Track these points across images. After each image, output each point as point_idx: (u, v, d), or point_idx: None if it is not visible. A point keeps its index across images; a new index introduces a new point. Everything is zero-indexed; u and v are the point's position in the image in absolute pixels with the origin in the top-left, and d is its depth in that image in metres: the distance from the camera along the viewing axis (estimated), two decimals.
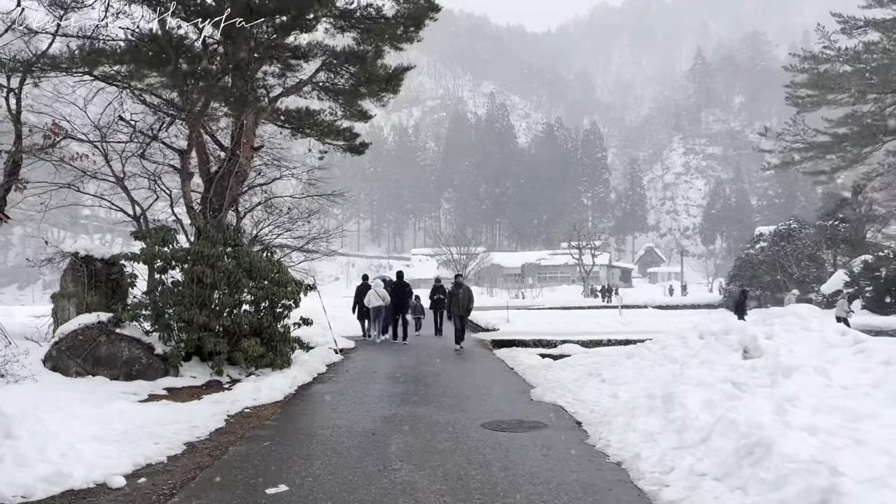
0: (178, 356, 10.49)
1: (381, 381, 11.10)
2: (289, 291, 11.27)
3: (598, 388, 9.76)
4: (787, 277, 47.52)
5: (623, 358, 11.20)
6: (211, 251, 10.46)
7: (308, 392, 10.20)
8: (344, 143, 15.69)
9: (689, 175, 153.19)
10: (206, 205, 12.22)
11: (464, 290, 16.63)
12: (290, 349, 11.63)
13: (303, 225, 15.68)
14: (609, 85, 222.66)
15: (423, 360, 14.04)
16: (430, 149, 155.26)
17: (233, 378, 11.04)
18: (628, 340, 19.73)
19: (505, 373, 12.35)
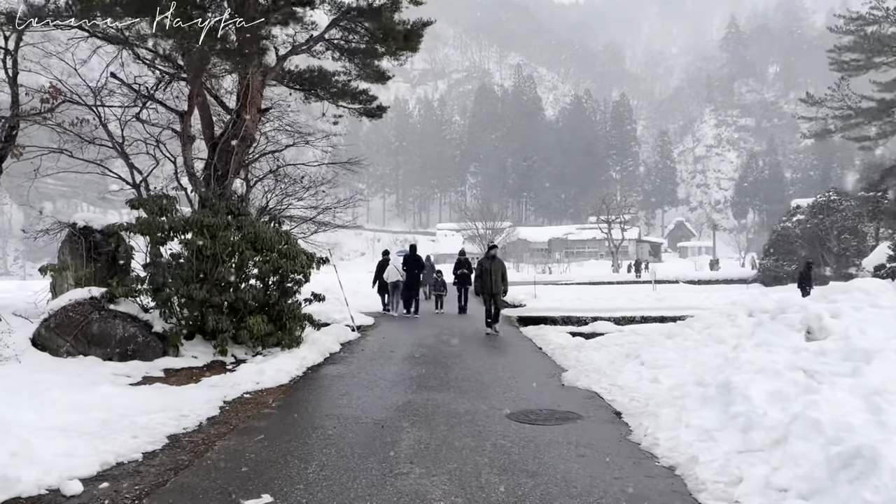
0: (177, 334, 9.69)
1: (398, 363, 10.20)
2: (298, 265, 10.37)
3: (636, 372, 8.74)
4: (825, 251, 45.70)
5: (663, 338, 10.16)
6: (211, 221, 9.58)
7: (317, 374, 9.33)
8: (360, 107, 14.67)
9: (721, 147, 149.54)
10: (210, 171, 11.34)
11: (496, 263, 14.10)
12: (300, 327, 10.76)
13: (315, 194, 14.69)
14: (638, 56, 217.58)
15: (443, 340, 13.12)
16: (455, 122, 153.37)
17: (237, 358, 10.22)
18: (663, 317, 18.70)
19: (532, 353, 11.37)
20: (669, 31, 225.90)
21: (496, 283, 13.76)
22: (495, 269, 13.90)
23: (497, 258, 14.22)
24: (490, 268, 13.86)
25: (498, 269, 13.96)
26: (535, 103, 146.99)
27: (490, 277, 13.74)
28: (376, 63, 14.28)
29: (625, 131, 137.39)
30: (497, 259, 14.19)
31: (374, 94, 14.71)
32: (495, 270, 13.85)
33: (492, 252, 14.38)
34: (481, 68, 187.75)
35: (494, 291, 13.74)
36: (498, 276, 13.80)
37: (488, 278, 13.77)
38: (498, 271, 13.90)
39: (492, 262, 14.02)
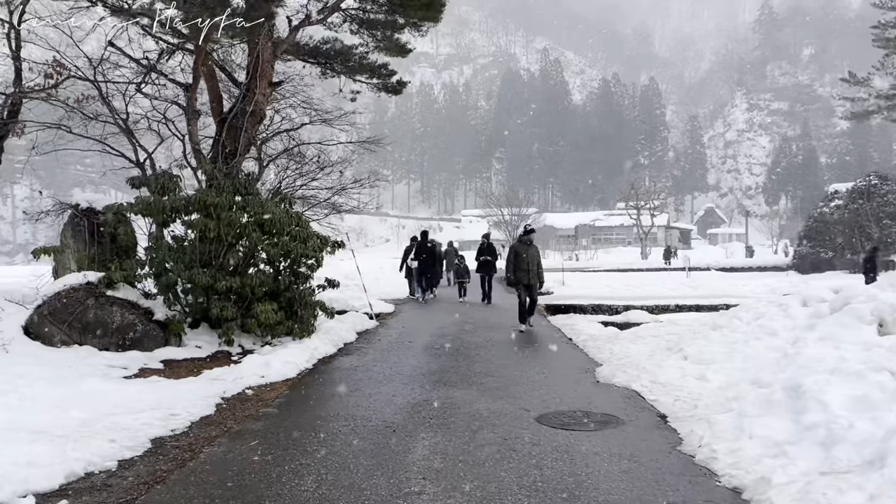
0: (180, 323, 9.01)
1: (417, 354, 9.44)
2: (310, 248, 9.62)
3: (679, 368, 7.86)
4: (865, 238, 43.99)
5: (707, 329, 9.24)
6: (215, 200, 8.86)
7: (328, 367, 8.60)
8: (378, 82, 13.84)
9: (753, 132, 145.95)
10: (217, 149, 10.65)
11: (533, 251, 12.19)
12: (313, 315, 10.04)
13: (331, 174, 13.91)
14: (668, 39, 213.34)
15: (466, 329, 12.33)
16: (481, 107, 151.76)
17: (245, 348, 9.53)
18: (699, 306, 17.74)
19: (562, 345, 10.53)
20: (700, 13, 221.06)
21: (533, 274, 11.98)
22: (532, 255, 12.07)
23: (534, 244, 12.37)
24: (526, 255, 11.99)
25: (536, 255, 12.17)
26: (562, 88, 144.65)
27: (526, 267, 11.89)
28: (396, 35, 13.43)
29: (654, 116, 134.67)
30: (534, 246, 12.33)
31: (395, 69, 13.86)
32: (532, 259, 12.01)
33: (528, 237, 12.38)
34: (507, 53, 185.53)
35: (531, 283, 11.97)
36: (534, 266, 11.98)
37: (524, 267, 11.89)
38: (536, 258, 12.11)
39: (528, 248, 12.11)
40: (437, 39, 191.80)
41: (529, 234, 12.54)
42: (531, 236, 12.50)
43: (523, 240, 12.38)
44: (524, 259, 11.92)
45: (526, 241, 12.30)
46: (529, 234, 12.59)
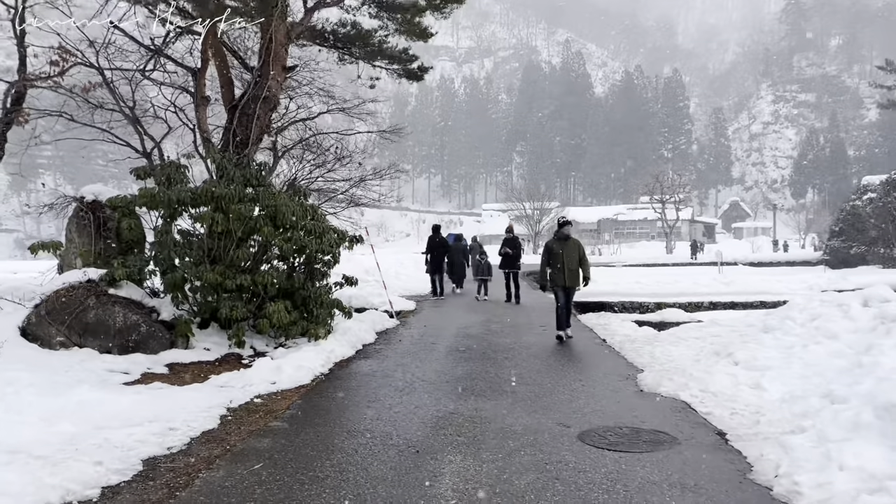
0: (187, 323, 8.40)
1: (440, 357, 8.76)
2: (326, 244, 8.98)
3: (731, 375, 7.10)
4: None
5: (757, 331, 8.47)
6: (224, 192, 8.24)
7: (345, 372, 7.95)
8: (399, 68, 13.13)
9: (779, 124, 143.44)
10: (228, 137, 10.03)
11: (572, 245, 10.20)
12: (329, 315, 9.39)
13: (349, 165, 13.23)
14: (691, 31, 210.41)
15: (492, 329, 11.62)
16: (502, 101, 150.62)
17: (256, 351, 8.92)
18: (734, 303, 16.98)
19: (597, 347, 9.79)
20: (724, 4, 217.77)
21: (572, 274, 10.06)
22: (569, 252, 10.07)
23: (572, 238, 10.34)
24: (562, 252, 10.06)
25: (574, 252, 10.12)
26: (584, 80, 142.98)
27: (563, 265, 10.01)
28: (418, 19, 12.73)
29: (677, 108, 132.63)
30: (572, 239, 10.29)
31: (416, 54, 13.14)
32: (569, 254, 10.05)
33: (564, 230, 10.38)
34: (528, 45, 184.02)
35: (568, 285, 10.08)
36: (575, 263, 10.06)
37: (561, 266, 10.03)
38: (574, 255, 10.09)
39: (564, 244, 10.18)
40: (458, 32, 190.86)
41: (564, 227, 10.46)
42: (567, 229, 10.42)
43: (558, 234, 10.39)
44: (560, 256, 10.04)
45: (561, 235, 10.31)
46: (564, 226, 10.51)
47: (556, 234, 10.48)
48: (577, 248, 10.19)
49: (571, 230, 10.61)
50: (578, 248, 10.22)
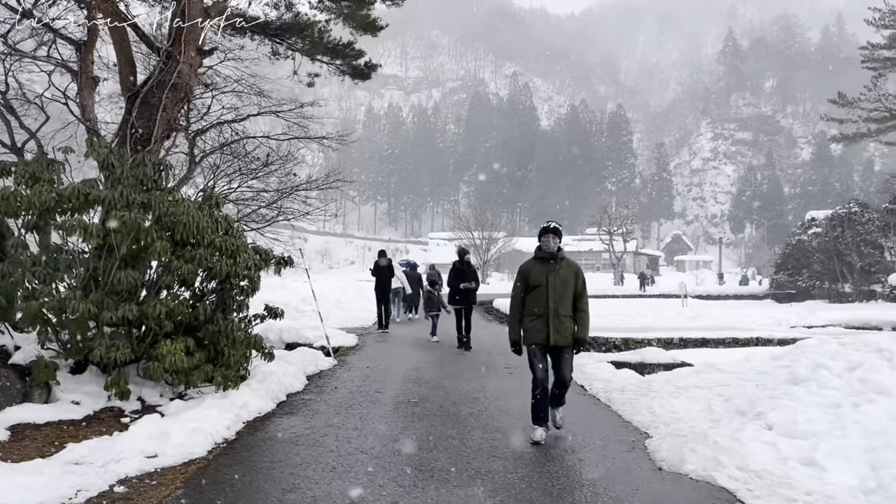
0: (48, 368, 6.28)
1: (386, 414, 6.82)
2: (240, 265, 6.99)
3: (770, 445, 5.42)
4: (845, 266, 42.66)
5: (783, 382, 6.83)
6: (101, 194, 6.22)
7: (257, 438, 5.92)
8: (343, 64, 11.31)
9: (718, 161, 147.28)
10: (126, 131, 8.01)
11: (565, 269, 6.07)
12: (244, 357, 7.36)
13: (277, 169, 11.25)
14: (634, 69, 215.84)
15: (448, 371, 9.74)
16: (450, 131, 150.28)
17: (146, 403, 6.83)
18: (705, 340, 15.62)
19: (579, 398, 7.99)
20: (664, 44, 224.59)
21: (561, 323, 5.89)
22: (561, 282, 5.97)
23: (567, 259, 6.17)
24: (549, 281, 5.96)
25: (568, 282, 6.00)
26: (531, 113, 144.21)
27: (549, 306, 5.90)
28: (366, 10, 10.98)
29: (621, 142, 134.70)
30: (566, 261, 6.14)
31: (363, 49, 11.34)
32: (561, 290, 5.95)
33: (549, 245, 6.09)
34: (476, 77, 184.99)
35: (557, 342, 5.88)
36: (568, 303, 5.96)
37: (543, 308, 5.93)
38: (568, 288, 5.98)
39: (552, 267, 6.03)
40: (406, 62, 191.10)
41: (550, 236, 6.08)
42: (553, 242, 6.09)
43: (544, 251, 6.08)
44: (544, 292, 5.91)
45: (545, 254, 6.07)
46: (550, 233, 6.10)
47: (541, 251, 6.07)
48: (575, 278, 5.99)
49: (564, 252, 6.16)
50: (576, 276, 6.02)
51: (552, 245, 6.09)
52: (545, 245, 6.09)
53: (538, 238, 6.20)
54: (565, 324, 5.89)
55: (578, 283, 6.04)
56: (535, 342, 5.93)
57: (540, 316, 5.91)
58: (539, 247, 6.18)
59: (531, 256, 6.25)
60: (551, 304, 5.87)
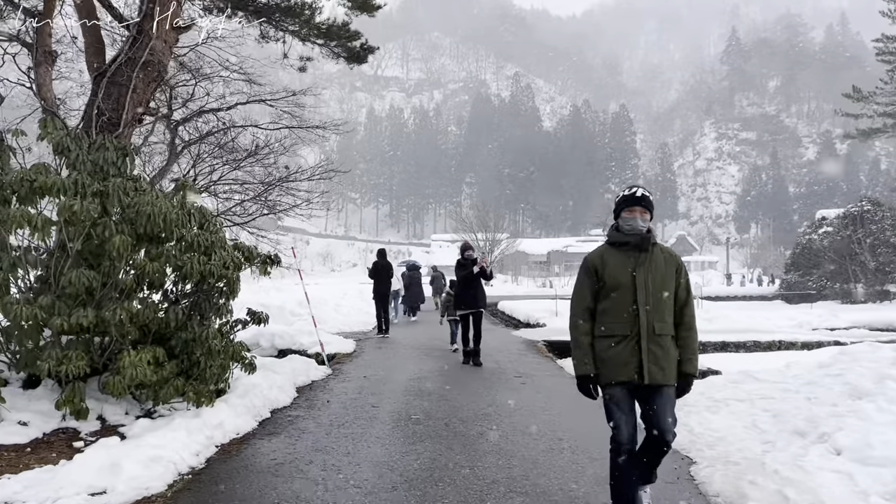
0: None
1: (384, 434, 5.91)
2: (215, 264, 6.10)
3: (842, 475, 4.51)
4: (857, 266, 41.68)
5: (842, 396, 5.92)
6: (47, 181, 5.34)
7: (231, 466, 5.01)
8: (337, 46, 10.42)
9: (722, 161, 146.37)
10: (91, 114, 7.14)
11: (658, 258, 3.77)
12: (221, 368, 6.45)
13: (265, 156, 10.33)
14: (636, 69, 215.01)
15: (452, 380, 8.83)
16: (451, 132, 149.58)
17: (106, 423, 5.93)
18: (725, 343, 14.83)
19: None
20: (666, 45, 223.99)
21: (662, 348, 3.67)
22: (660, 283, 3.73)
23: (659, 246, 3.85)
24: (648, 283, 3.71)
25: (667, 281, 3.74)
26: (533, 113, 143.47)
27: (646, 318, 3.67)
28: None
29: (624, 143, 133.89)
30: (659, 247, 3.84)
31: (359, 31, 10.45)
32: (659, 288, 3.72)
33: (639, 226, 3.78)
34: (478, 79, 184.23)
35: (656, 378, 3.64)
36: (669, 310, 3.73)
37: (642, 318, 3.67)
38: (667, 291, 3.73)
39: (648, 260, 3.75)
40: (408, 64, 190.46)
41: (638, 210, 3.81)
42: (643, 219, 3.81)
43: (628, 233, 3.81)
44: (629, 298, 3.71)
45: (631, 237, 3.80)
46: (638, 205, 3.81)
47: (625, 221, 3.81)
48: (677, 275, 3.81)
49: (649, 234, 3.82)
50: (678, 272, 3.82)
51: (640, 223, 3.75)
52: (629, 223, 3.76)
53: (615, 212, 3.91)
54: (666, 349, 3.64)
55: (682, 284, 3.79)
56: (616, 380, 3.66)
57: (625, 337, 3.63)
58: (616, 226, 3.87)
59: (604, 241, 3.93)
60: (644, 317, 3.62)
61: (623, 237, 3.81)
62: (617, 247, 3.84)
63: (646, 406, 3.71)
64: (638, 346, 3.63)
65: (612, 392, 3.72)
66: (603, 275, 3.77)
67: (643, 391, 3.69)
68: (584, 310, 3.82)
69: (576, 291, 3.90)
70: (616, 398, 3.71)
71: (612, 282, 3.73)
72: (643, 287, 3.68)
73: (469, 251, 10.79)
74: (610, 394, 3.73)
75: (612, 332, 3.69)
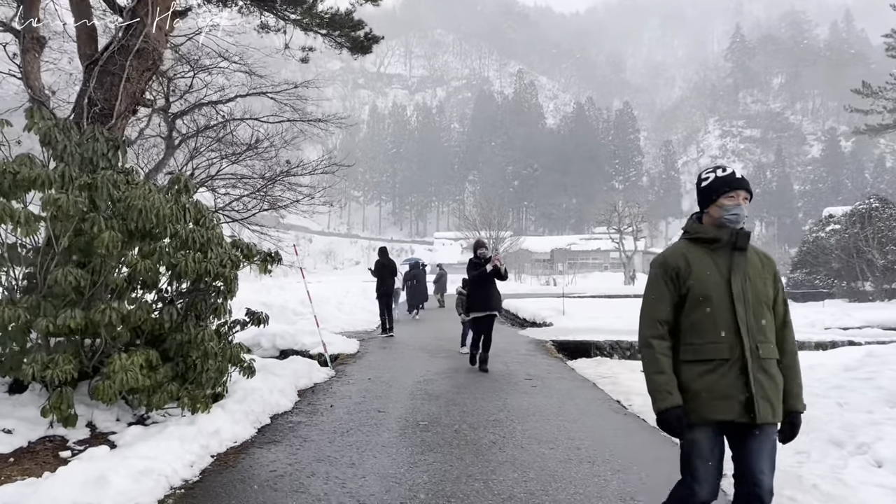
0: None
1: (390, 442, 5.57)
2: (212, 262, 5.76)
3: (886, 489, 4.17)
4: (866, 264, 41.18)
5: (879, 402, 5.60)
6: (30, 173, 5.00)
7: (227, 478, 4.66)
8: (341, 35, 10.06)
9: (726, 158, 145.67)
10: (82, 104, 6.82)
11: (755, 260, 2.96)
12: (220, 371, 6.11)
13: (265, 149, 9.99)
14: (639, 66, 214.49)
15: (461, 383, 8.48)
16: (454, 129, 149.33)
17: (96, 430, 5.60)
18: None
19: (622, 421, 6.69)
20: (670, 42, 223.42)
21: (772, 368, 2.85)
22: (761, 291, 2.91)
23: (756, 249, 3.01)
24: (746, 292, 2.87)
25: (766, 289, 2.93)
26: (536, 111, 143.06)
27: (748, 336, 2.82)
28: None
29: (628, 140, 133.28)
30: (756, 252, 3.01)
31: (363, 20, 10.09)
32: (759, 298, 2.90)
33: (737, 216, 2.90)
34: (481, 76, 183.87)
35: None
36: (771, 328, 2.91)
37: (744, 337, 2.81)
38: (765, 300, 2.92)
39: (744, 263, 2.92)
40: (411, 61, 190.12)
41: (741, 194, 2.92)
42: (744, 204, 2.93)
43: (722, 225, 2.93)
44: (726, 311, 2.85)
45: (724, 231, 2.92)
46: (742, 188, 2.93)
47: (700, 230, 2.99)
48: (774, 281, 3.01)
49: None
50: (775, 278, 3.02)
51: (738, 212, 2.90)
52: (733, 213, 2.89)
53: (704, 199, 2.99)
54: (774, 378, 2.84)
55: (780, 295, 3.03)
56: (713, 418, 2.79)
57: (724, 362, 2.80)
58: (699, 216, 3.04)
59: (682, 237, 3.09)
60: (746, 336, 2.81)
61: (714, 231, 2.92)
62: (703, 244, 2.96)
63: (739, 452, 2.85)
64: (744, 374, 2.76)
65: (698, 435, 2.81)
66: (688, 280, 2.89)
67: (737, 433, 2.84)
68: (660, 325, 2.91)
69: (647, 302, 3.00)
70: (703, 443, 2.81)
71: (701, 289, 2.86)
72: (741, 297, 2.85)
73: (482, 249, 9.94)
74: (695, 438, 2.82)
75: (704, 355, 2.82)
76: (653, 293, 2.98)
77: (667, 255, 3.02)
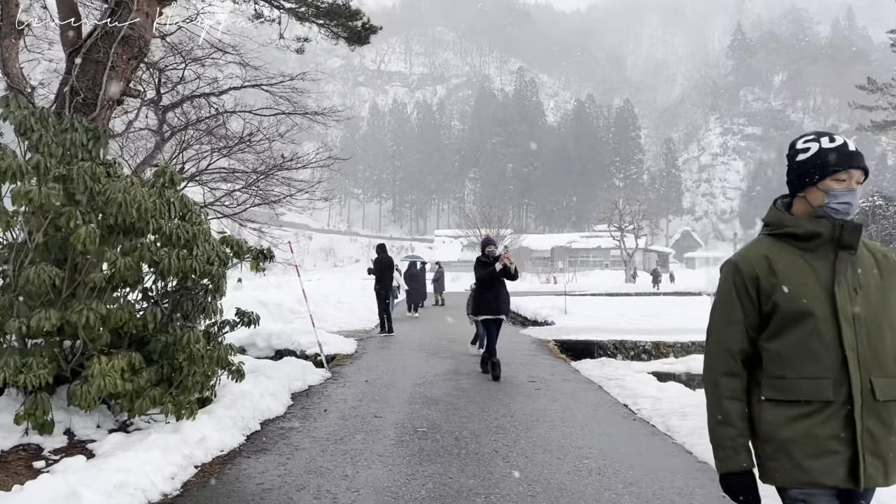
0: None
1: (387, 451, 5.25)
2: (199, 259, 5.43)
3: None
4: None
5: None
6: (2, 165, 4.67)
7: (209, 494, 4.31)
8: (338, 25, 9.71)
9: (727, 156, 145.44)
10: (64, 93, 6.48)
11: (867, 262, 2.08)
12: (207, 375, 5.79)
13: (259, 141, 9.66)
14: (640, 64, 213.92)
15: (463, 387, 8.15)
16: (455, 127, 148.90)
17: (75, 437, 5.28)
18: None
19: (631, 427, 6.35)
20: (671, 40, 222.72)
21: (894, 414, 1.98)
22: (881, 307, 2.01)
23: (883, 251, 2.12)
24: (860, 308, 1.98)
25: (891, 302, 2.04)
26: (537, 108, 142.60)
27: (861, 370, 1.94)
28: None
29: (629, 138, 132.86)
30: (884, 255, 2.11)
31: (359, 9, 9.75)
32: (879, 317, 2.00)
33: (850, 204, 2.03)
34: (481, 73, 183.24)
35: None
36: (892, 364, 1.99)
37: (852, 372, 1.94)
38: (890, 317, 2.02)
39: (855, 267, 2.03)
40: (411, 59, 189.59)
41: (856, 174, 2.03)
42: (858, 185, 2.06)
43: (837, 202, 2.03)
44: (831, 334, 1.96)
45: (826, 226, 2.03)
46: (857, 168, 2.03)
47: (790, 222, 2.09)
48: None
49: None
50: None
51: (850, 200, 2.05)
52: (844, 200, 2.05)
53: (798, 180, 2.11)
54: (892, 427, 1.98)
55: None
56: (809, 482, 1.96)
57: (825, 405, 1.96)
58: (787, 202, 2.19)
59: (764, 232, 2.19)
60: (857, 370, 1.96)
61: (810, 225, 2.06)
62: (793, 241, 2.09)
63: None
64: (850, 423, 1.94)
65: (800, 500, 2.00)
66: (774, 293, 2.03)
67: (843, 497, 2.01)
68: (732, 359, 2.08)
69: (715, 324, 2.15)
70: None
71: (793, 305, 2.01)
72: (849, 315, 1.98)
73: (490, 246, 9.17)
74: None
75: (797, 394, 1.98)
76: (722, 315, 2.12)
77: (742, 257, 2.13)
